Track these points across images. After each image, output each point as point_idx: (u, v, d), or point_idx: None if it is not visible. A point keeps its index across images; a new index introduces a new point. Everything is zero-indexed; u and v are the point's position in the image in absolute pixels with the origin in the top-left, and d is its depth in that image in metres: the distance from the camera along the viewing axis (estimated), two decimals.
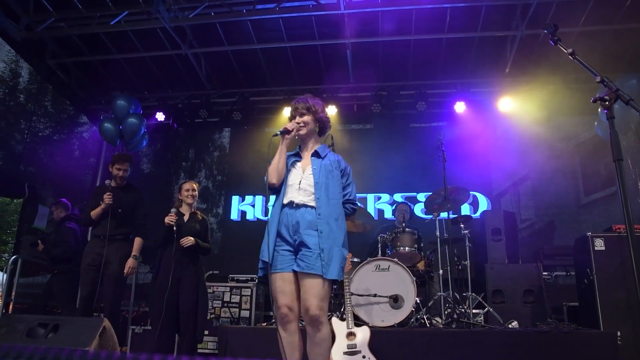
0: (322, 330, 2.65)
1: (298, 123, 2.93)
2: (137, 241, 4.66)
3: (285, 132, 2.89)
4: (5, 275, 6.10)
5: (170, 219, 4.38)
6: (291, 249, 2.75)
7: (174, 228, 4.38)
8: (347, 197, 2.97)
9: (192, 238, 4.41)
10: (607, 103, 1.69)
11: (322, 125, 3.03)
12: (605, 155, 7.05)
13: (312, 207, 2.77)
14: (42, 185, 7.43)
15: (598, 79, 1.73)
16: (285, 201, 2.82)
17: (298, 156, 3.00)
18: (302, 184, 2.83)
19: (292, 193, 2.82)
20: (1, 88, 9.39)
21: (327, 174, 2.86)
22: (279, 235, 2.78)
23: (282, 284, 2.69)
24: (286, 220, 2.77)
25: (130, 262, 4.53)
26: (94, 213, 4.52)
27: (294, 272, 2.71)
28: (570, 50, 1.83)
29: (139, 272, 6.99)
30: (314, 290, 2.62)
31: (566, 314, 5.61)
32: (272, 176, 2.87)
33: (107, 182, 4.58)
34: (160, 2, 6.02)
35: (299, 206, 2.78)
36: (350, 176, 3.02)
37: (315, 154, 2.97)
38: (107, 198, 4.45)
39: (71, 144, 8.58)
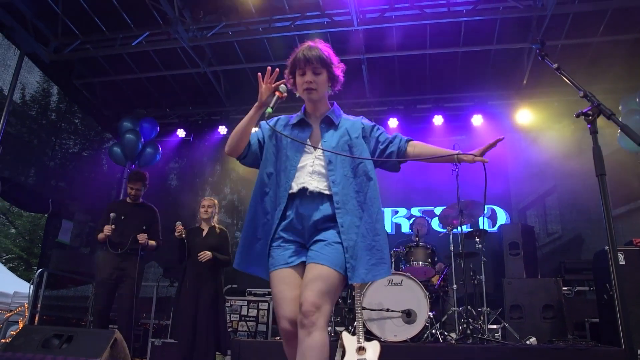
0: (313, 335, 1.91)
1: (310, 88, 2.19)
2: (152, 242, 4.80)
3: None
4: (32, 288, 6.32)
5: (177, 232, 4.57)
6: (298, 242, 2.14)
7: (184, 241, 4.56)
8: (388, 150, 2.34)
9: (209, 252, 4.53)
10: (590, 118, 1.70)
11: (336, 82, 2.27)
12: (633, 167, 6.87)
13: (328, 195, 2.12)
14: (71, 200, 7.69)
15: (581, 93, 1.74)
16: (295, 188, 2.12)
17: (305, 125, 2.28)
18: (314, 165, 2.16)
19: (304, 177, 2.14)
20: (34, 107, 9.84)
21: (343, 147, 2.18)
22: (283, 229, 2.13)
23: (283, 286, 2.07)
24: (296, 213, 2.12)
25: (141, 236, 4.64)
26: (100, 237, 4.65)
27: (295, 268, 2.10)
28: (555, 66, 1.84)
29: (159, 286, 7.15)
30: (315, 283, 1.96)
31: (588, 330, 5.44)
32: (227, 144, 2.23)
33: (112, 215, 4.67)
34: (179, 22, 6.22)
35: (314, 194, 2.12)
36: (379, 127, 2.39)
37: (327, 121, 2.26)
38: (106, 230, 4.57)
39: (99, 160, 8.86)
